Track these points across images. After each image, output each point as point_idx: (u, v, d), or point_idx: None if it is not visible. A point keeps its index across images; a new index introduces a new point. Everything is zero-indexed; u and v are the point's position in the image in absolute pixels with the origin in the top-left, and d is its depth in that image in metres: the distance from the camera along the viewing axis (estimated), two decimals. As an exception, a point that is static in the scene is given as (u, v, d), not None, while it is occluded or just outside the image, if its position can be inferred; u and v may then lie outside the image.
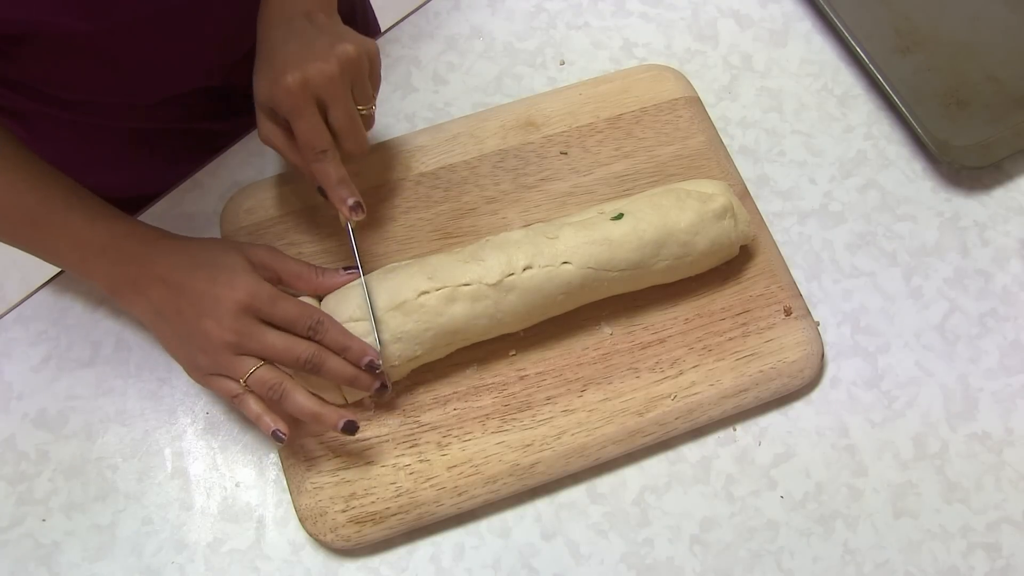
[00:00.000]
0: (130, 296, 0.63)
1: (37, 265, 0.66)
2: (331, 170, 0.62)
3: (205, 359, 0.61)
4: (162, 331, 0.63)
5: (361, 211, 0.63)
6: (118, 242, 0.62)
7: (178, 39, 0.69)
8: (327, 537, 0.63)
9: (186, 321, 0.60)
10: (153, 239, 0.64)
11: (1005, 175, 0.78)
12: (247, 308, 0.60)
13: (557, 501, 0.66)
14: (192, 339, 0.60)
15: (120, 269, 0.62)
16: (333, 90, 0.60)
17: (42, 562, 0.64)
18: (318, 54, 0.60)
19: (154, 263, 0.62)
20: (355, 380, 0.61)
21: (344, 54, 0.60)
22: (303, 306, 0.61)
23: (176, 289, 0.61)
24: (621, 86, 0.78)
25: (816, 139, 0.79)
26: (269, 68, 0.61)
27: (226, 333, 0.59)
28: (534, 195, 0.73)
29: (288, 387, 0.60)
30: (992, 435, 0.69)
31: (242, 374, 0.60)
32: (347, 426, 0.61)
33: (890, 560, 0.65)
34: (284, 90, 0.59)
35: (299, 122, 0.60)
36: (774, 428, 0.69)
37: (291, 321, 0.61)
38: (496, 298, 0.63)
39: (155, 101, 0.76)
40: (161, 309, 0.61)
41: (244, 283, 0.60)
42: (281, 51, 0.61)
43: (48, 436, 0.67)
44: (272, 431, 0.60)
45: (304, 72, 0.59)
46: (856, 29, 0.81)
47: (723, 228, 0.67)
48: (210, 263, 0.62)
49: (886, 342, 0.72)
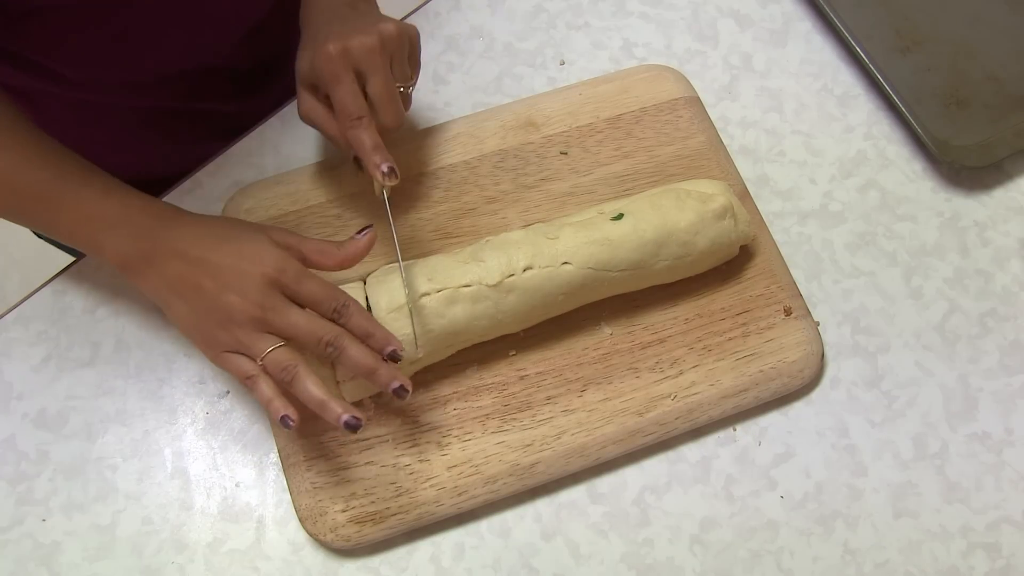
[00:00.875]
0: (143, 271, 0.61)
1: (37, 265, 0.66)
2: (365, 137, 0.62)
3: (224, 335, 0.59)
4: (175, 308, 0.60)
5: (395, 176, 0.63)
6: (132, 216, 0.61)
7: (176, 13, 0.70)
8: (327, 537, 0.63)
9: (206, 296, 0.59)
10: (169, 214, 0.62)
11: (1005, 175, 0.78)
12: (274, 283, 0.59)
13: (557, 501, 0.66)
14: (212, 314, 0.59)
15: (133, 243, 0.61)
16: (372, 60, 0.61)
17: (42, 562, 0.64)
18: (360, 28, 0.62)
19: (171, 238, 0.60)
20: (373, 373, 0.59)
21: (385, 30, 0.62)
22: (329, 287, 0.60)
23: (196, 264, 0.59)
24: (621, 86, 0.78)
25: (816, 139, 0.79)
26: (312, 44, 0.63)
27: (251, 307, 0.58)
28: (534, 195, 0.73)
29: (301, 371, 0.58)
30: (992, 435, 0.69)
31: (259, 352, 0.58)
32: (349, 423, 0.58)
33: (890, 560, 0.65)
34: (325, 57, 0.61)
35: (337, 88, 0.61)
36: (774, 428, 0.69)
37: (317, 301, 0.59)
38: (496, 299, 0.63)
39: (158, 78, 0.76)
40: (176, 285, 0.60)
41: (272, 257, 0.59)
42: (324, 30, 0.63)
43: (48, 436, 0.67)
44: (281, 416, 0.58)
45: (345, 42, 0.61)
46: (856, 29, 0.81)
47: (723, 228, 0.67)
48: (234, 238, 0.61)
49: (886, 342, 0.72)
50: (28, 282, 0.74)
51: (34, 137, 0.62)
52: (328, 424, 0.65)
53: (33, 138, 0.62)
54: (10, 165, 0.60)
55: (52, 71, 0.71)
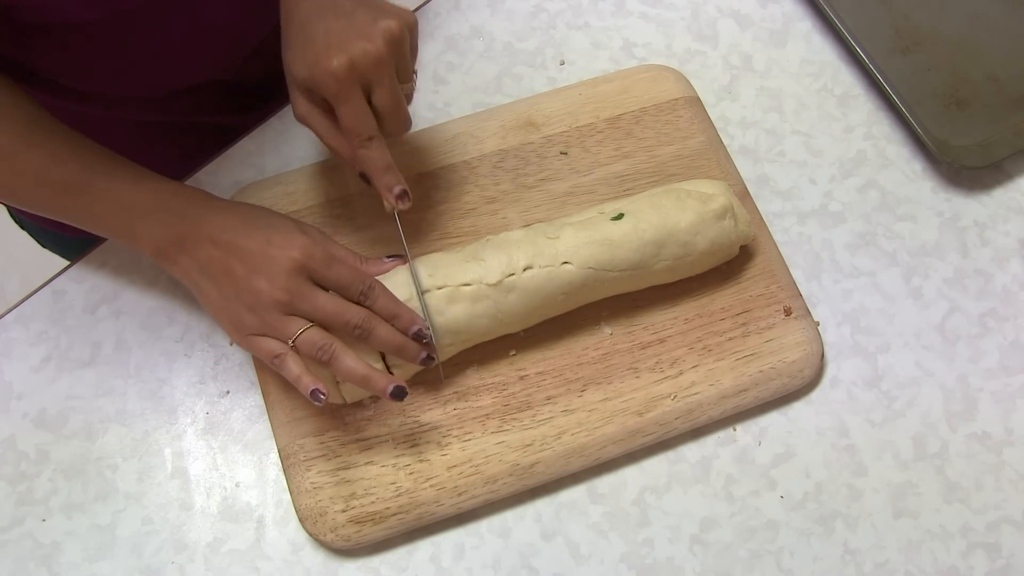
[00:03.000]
0: (175, 256, 0.62)
1: (37, 265, 0.67)
2: (377, 157, 0.61)
3: (252, 318, 0.60)
4: (206, 291, 0.62)
5: (407, 199, 0.62)
6: (165, 202, 0.62)
7: (185, 29, 0.69)
8: (327, 537, 0.63)
9: (235, 280, 0.60)
10: (201, 200, 0.63)
11: (1005, 175, 0.78)
12: (301, 268, 0.59)
13: (557, 501, 0.66)
14: (240, 297, 0.60)
15: (167, 230, 0.61)
16: (380, 72, 0.58)
17: (42, 562, 0.64)
18: (361, 31, 0.57)
19: (204, 223, 0.61)
20: (403, 348, 0.61)
21: (388, 32, 0.58)
22: (356, 270, 0.61)
23: (227, 248, 0.60)
24: (621, 86, 0.78)
25: (816, 139, 0.79)
26: (307, 44, 0.59)
27: (278, 291, 0.59)
28: (534, 195, 0.73)
29: (338, 349, 0.59)
30: (992, 435, 0.69)
31: (290, 335, 0.59)
32: (396, 391, 0.59)
33: (890, 560, 0.65)
34: (330, 74, 0.57)
35: (344, 107, 0.59)
36: (774, 428, 0.69)
37: (343, 285, 0.60)
38: (496, 298, 0.63)
39: (166, 94, 0.76)
40: (207, 268, 0.61)
41: (300, 243, 0.60)
42: (319, 26, 0.59)
43: (48, 436, 0.67)
44: (312, 390, 0.59)
45: (350, 54, 0.57)
46: (856, 29, 0.81)
47: (723, 228, 0.67)
48: (264, 225, 0.61)
49: (886, 342, 0.72)
50: (28, 282, 0.74)
51: (61, 132, 0.62)
52: (328, 424, 0.65)
53: (60, 133, 0.62)
54: (41, 159, 0.61)
55: (61, 86, 0.71)
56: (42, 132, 0.61)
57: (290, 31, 0.61)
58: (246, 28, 0.75)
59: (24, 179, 0.61)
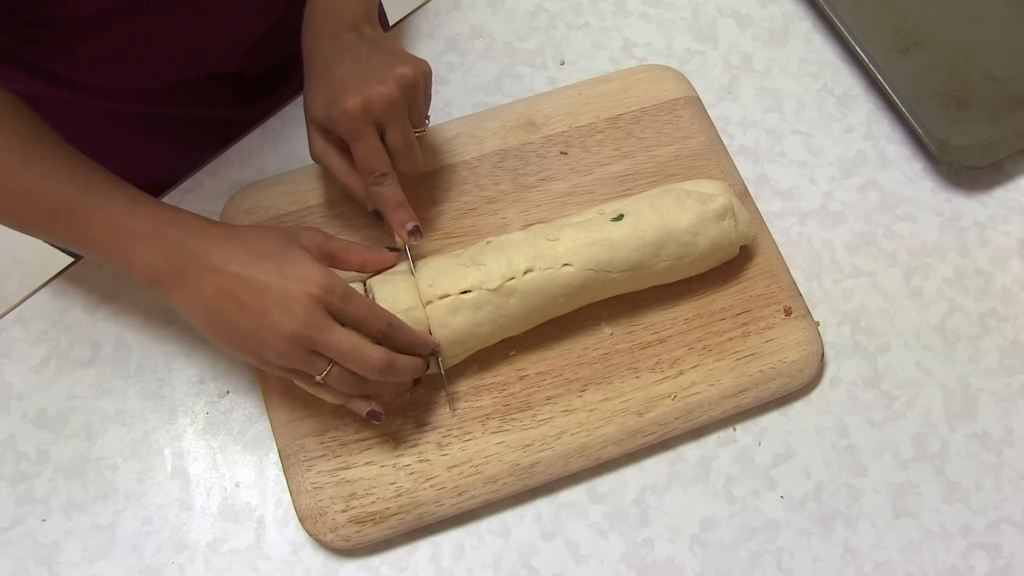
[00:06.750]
0: (173, 287, 0.59)
1: (37, 265, 0.66)
2: (390, 194, 0.63)
3: (273, 354, 0.58)
4: (217, 326, 0.59)
5: (419, 235, 0.64)
6: (161, 229, 0.59)
7: (186, 21, 0.70)
8: (327, 537, 0.63)
9: (251, 316, 0.57)
10: (198, 227, 0.60)
11: (1005, 175, 0.78)
12: (319, 301, 0.57)
13: (557, 501, 0.66)
14: (258, 334, 0.58)
15: (164, 258, 0.59)
16: (393, 114, 0.61)
17: (42, 562, 0.64)
18: (377, 75, 0.61)
19: (206, 253, 0.58)
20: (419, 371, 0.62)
21: (403, 77, 0.61)
22: (374, 306, 0.60)
23: (236, 281, 0.57)
24: (621, 86, 0.78)
25: (816, 139, 0.79)
26: (326, 86, 0.62)
27: (297, 327, 0.56)
28: (534, 195, 0.73)
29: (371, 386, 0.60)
30: (992, 435, 0.69)
31: (319, 372, 0.58)
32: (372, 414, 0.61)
33: (890, 560, 0.65)
34: (345, 114, 0.60)
35: (359, 145, 0.62)
36: (774, 428, 0.69)
37: (361, 320, 0.59)
38: (498, 303, 0.63)
39: (166, 85, 0.76)
40: (217, 303, 0.58)
41: (317, 276, 0.58)
42: (337, 69, 0.62)
43: (48, 436, 0.67)
44: (368, 411, 0.61)
45: (365, 96, 0.60)
46: (856, 29, 0.81)
47: (723, 228, 0.67)
48: (270, 252, 0.59)
49: (886, 342, 0.72)
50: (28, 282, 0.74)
51: (58, 149, 0.61)
52: (328, 424, 0.65)
53: (57, 150, 0.61)
54: (35, 179, 0.59)
55: (61, 77, 0.71)
56: (40, 149, 0.60)
57: (311, 75, 0.64)
58: (247, 21, 0.75)
59: (18, 200, 0.60)
